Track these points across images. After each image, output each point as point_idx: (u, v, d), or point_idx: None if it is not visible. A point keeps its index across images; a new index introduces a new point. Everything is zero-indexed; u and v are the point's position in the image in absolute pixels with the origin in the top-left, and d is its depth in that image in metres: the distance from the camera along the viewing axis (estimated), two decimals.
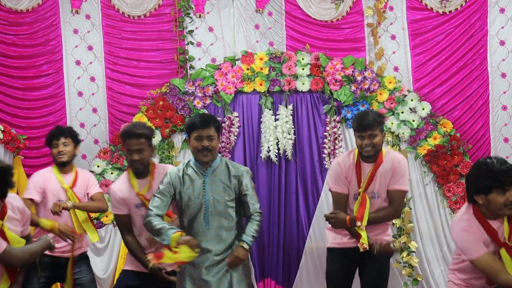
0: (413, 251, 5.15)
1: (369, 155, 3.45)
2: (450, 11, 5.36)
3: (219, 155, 3.59)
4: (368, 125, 3.44)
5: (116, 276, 4.88)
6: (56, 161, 4.03)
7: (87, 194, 4.14)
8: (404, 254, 5.14)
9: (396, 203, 3.53)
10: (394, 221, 5.02)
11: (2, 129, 4.96)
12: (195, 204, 3.39)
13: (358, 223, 3.45)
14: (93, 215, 4.53)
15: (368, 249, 3.47)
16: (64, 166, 4.03)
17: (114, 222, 4.97)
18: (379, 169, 3.50)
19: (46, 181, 4.03)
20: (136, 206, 3.59)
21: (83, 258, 4.17)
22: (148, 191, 3.52)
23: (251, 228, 3.44)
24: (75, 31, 5.40)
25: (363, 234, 3.46)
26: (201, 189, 3.43)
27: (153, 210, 3.32)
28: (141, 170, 3.58)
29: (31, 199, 3.97)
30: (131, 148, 3.57)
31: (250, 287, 3.54)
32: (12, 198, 2.96)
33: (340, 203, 3.60)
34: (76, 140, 4.15)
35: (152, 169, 3.63)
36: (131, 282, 3.66)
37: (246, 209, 3.48)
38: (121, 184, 3.61)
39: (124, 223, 3.61)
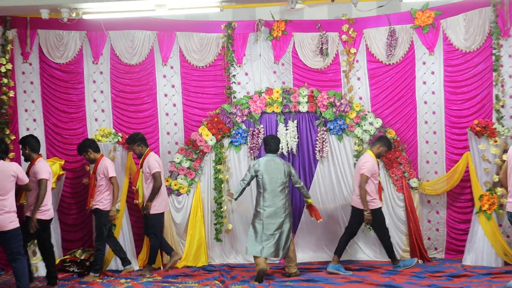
0: None
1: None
2: (393, 63, 7.23)
3: None
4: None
5: (190, 224, 7.18)
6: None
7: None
8: None
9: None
10: None
11: (121, 136, 7.05)
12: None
13: None
14: (173, 187, 7.03)
15: None
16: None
17: (188, 192, 7.20)
18: None
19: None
20: None
21: None
22: None
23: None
24: (164, 76, 7.38)
25: None
26: None
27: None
28: None
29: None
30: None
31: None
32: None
33: None
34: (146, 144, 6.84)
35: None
36: None
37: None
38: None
39: None
